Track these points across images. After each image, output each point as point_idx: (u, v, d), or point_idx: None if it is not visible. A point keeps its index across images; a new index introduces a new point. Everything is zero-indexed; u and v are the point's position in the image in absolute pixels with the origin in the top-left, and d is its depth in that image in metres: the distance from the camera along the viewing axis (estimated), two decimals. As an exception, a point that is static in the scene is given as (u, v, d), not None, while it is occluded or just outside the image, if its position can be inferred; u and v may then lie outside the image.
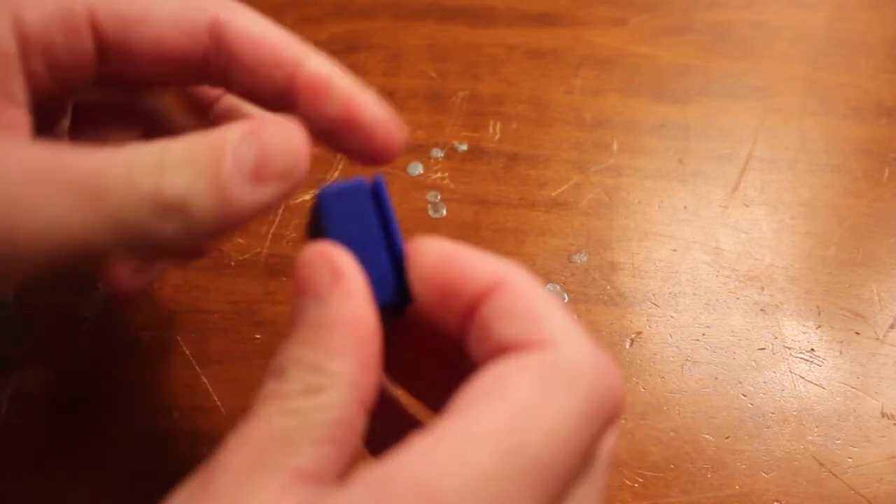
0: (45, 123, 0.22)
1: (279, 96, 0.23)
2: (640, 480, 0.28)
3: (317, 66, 0.22)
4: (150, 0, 0.22)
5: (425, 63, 0.41)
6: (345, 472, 0.16)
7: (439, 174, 0.37)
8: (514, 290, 0.19)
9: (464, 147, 0.38)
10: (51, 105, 0.22)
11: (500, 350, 0.17)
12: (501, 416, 0.15)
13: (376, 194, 0.20)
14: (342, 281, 0.18)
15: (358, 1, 0.43)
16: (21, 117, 0.20)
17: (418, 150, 0.37)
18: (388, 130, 0.23)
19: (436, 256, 0.19)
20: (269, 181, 0.19)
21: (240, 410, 0.29)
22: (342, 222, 0.20)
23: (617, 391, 0.17)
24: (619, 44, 0.42)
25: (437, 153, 0.37)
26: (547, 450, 0.15)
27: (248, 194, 0.19)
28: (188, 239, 0.19)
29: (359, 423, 0.17)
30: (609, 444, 0.18)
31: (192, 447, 0.28)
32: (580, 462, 0.16)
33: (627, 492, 0.28)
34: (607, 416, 0.16)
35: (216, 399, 0.29)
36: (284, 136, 0.20)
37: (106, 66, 0.22)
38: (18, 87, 0.20)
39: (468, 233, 0.35)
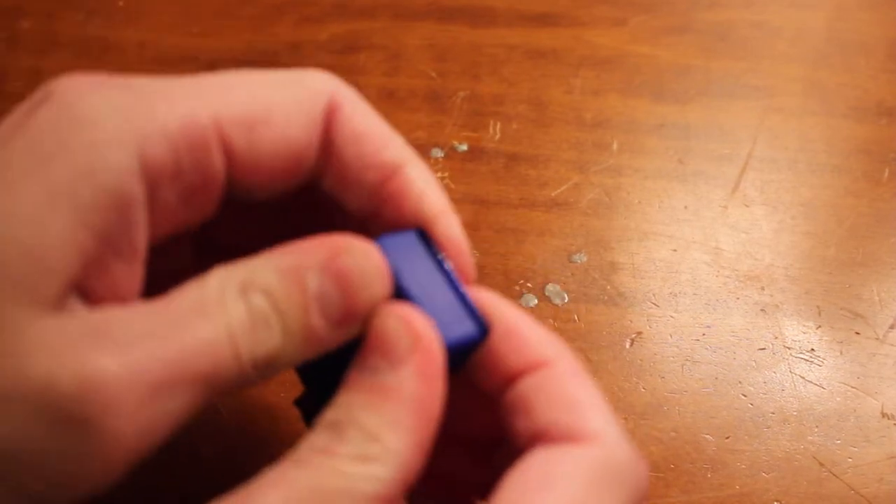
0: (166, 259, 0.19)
1: (366, 199, 0.20)
2: (640, 480, 0.28)
3: (416, 176, 0.21)
4: (264, 92, 0.19)
5: (425, 63, 0.41)
6: None
7: (439, 174, 0.37)
8: (564, 372, 0.19)
9: (464, 147, 0.38)
10: (173, 240, 0.19)
11: (545, 435, 0.17)
12: None
13: (424, 240, 0.20)
14: (420, 351, 0.17)
15: (358, 1, 0.43)
16: (132, 275, 0.17)
17: (418, 150, 0.37)
18: (460, 258, 0.21)
19: (492, 311, 0.19)
20: (356, 321, 0.18)
21: (240, 412, 0.29)
22: (405, 267, 0.19)
23: (647, 487, 0.18)
24: (619, 44, 0.42)
25: (437, 153, 0.37)
26: None
27: (334, 336, 0.18)
28: (278, 373, 0.18)
29: (398, 502, 0.17)
30: None
31: (191, 448, 0.28)
32: None
33: (627, 492, 0.28)
34: None
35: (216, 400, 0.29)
36: (365, 270, 0.18)
37: (234, 183, 0.19)
38: (139, 238, 0.17)
39: (468, 233, 0.34)
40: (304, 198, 0.22)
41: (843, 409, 0.30)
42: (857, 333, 0.32)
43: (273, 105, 0.19)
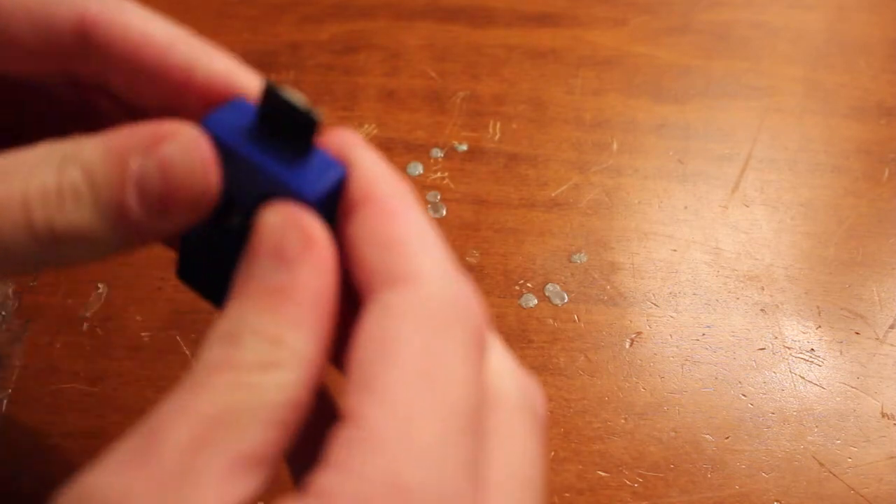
0: None
1: (170, 108, 0.20)
2: (640, 480, 0.28)
3: (218, 67, 0.19)
4: None
5: (425, 63, 0.41)
6: (281, 462, 0.15)
7: (439, 174, 0.37)
8: (383, 210, 0.17)
9: (464, 147, 0.38)
10: None
11: (372, 281, 0.16)
12: (413, 390, 0.15)
13: (248, 105, 0.18)
14: (314, 249, 0.16)
15: (358, 1, 0.43)
16: None
17: (418, 150, 0.37)
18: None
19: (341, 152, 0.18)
20: (177, 211, 0.17)
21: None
22: (238, 136, 0.18)
23: (483, 317, 0.17)
24: (619, 44, 0.42)
25: (437, 153, 0.37)
26: (466, 401, 0.15)
27: (153, 225, 0.17)
28: (89, 257, 0.17)
29: (307, 407, 0.15)
30: (495, 360, 0.18)
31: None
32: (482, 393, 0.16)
33: (627, 492, 0.28)
34: (483, 339, 0.17)
35: (216, 399, 0.29)
36: (191, 154, 0.17)
37: None
38: None
39: (468, 233, 0.35)
40: (69, 94, 0.21)
41: (843, 409, 0.30)
42: (857, 333, 0.32)
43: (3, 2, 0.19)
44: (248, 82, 0.19)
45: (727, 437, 0.29)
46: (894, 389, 0.31)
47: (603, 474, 0.29)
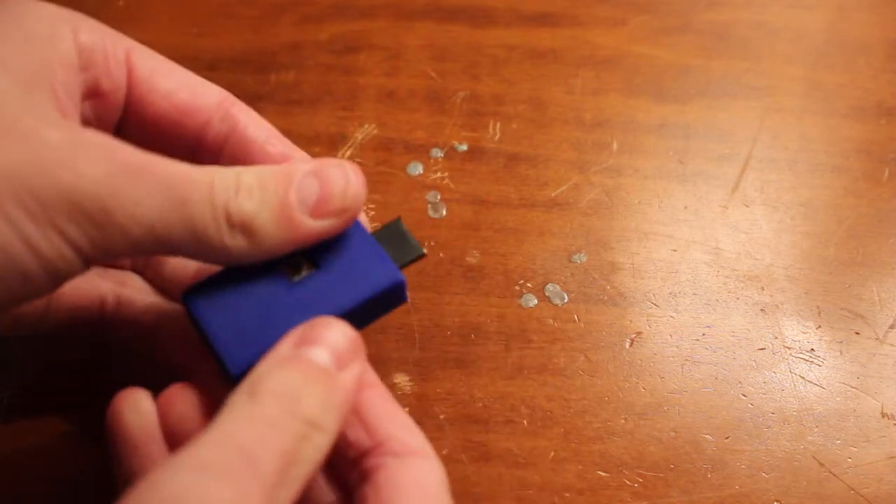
0: None
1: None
2: (640, 480, 0.28)
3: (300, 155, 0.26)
4: (174, 66, 0.25)
5: (425, 63, 0.41)
6: None
7: (439, 174, 0.37)
8: (385, 393, 0.23)
9: (464, 147, 0.38)
10: None
11: (383, 447, 0.21)
12: None
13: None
14: (362, 360, 0.21)
15: (358, 1, 0.43)
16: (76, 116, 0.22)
17: (418, 150, 0.38)
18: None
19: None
20: (329, 216, 0.22)
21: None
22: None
23: None
24: (619, 44, 0.42)
25: (437, 153, 0.37)
26: None
27: (308, 224, 0.22)
28: (254, 255, 0.21)
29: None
30: None
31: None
32: None
33: (627, 492, 0.28)
34: None
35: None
36: (346, 177, 0.22)
37: (129, 111, 0.24)
38: (77, 96, 0.22)
39: (468, 233, 0.35)
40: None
41: (843, 409, 0.30)
42: (857, 333, 0.32)
43: (182, 73, 0.25)
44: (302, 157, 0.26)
45: (727, 437, 0.29)
46: (894, 389, 0.31)
47: (603, 474, 0.29)
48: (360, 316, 0.23)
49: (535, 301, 0.33)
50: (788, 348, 0.32)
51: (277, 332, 0.21)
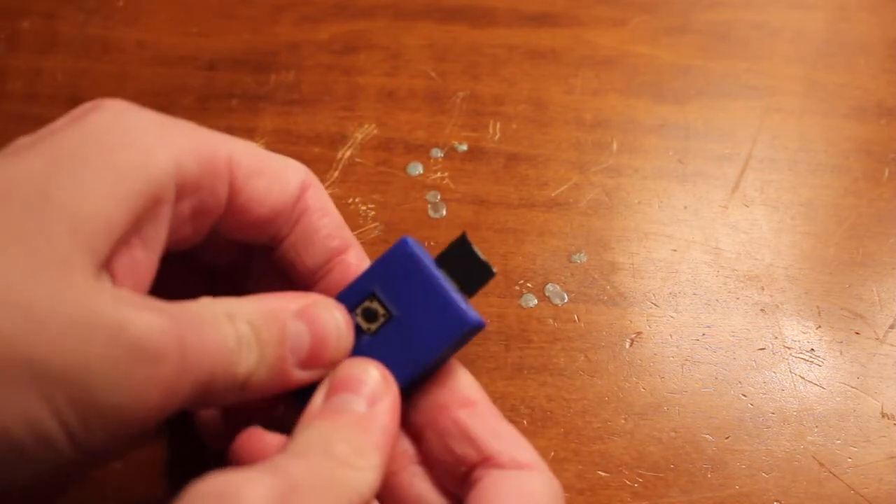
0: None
1: (322, 260, 0.25)
2: (640, 480, 0.28)
3: (355, 258, 0.25)
4: (262, 153, 0.24)
5: (425, 63, 0.41)
6: None
7: (439, 174, 0.37)
8: (492, 410, 0.23)
9: (464, 147, 0.38)
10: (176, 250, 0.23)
11: (491, 461, 0.22)
12: None
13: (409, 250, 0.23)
14: (392, 391, 0.22)
15: (358, 1, 0.43)
16: (151, 265, 0.21)
17: (418, 150, 0.38)
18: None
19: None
20: (319, 367, 0.22)
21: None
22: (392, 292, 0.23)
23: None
24: (619, 44, 0.42)
25: (437, 153, 0.37)
26: None
27: (297, 376, 0.22)
28: (237, 401, 0.21)
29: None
30: None
31: (193, 447, 0.28)
32: None
33: (627, 492, 0.28)
34: None
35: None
36: (334, 323, 0.22)
37: (224, 219, 0.23)
38: (162, 235, 0.21)
39: (468, 233, 0.35)
40: (258, 256, 0.26)
41: (843, 409, 0.30)
42: (857, 333, 0.32)
43: (268, 163, 0.23)
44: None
45: (727, 437, 0.29)
46: (894, 389, 0.31)
47: (603, 474, 0.29)
48: (441, 359, 0.23)
49: (535, 301, 0.33)
50: (788, 348, 0.32)
51: None
